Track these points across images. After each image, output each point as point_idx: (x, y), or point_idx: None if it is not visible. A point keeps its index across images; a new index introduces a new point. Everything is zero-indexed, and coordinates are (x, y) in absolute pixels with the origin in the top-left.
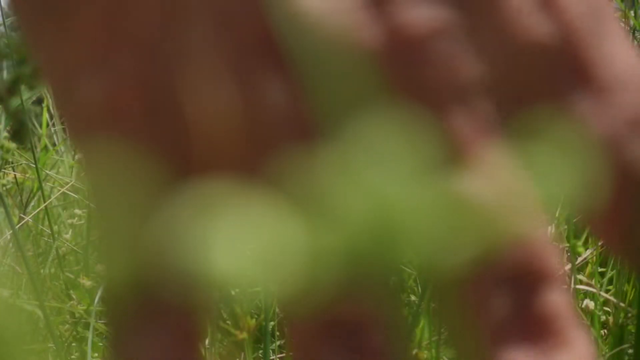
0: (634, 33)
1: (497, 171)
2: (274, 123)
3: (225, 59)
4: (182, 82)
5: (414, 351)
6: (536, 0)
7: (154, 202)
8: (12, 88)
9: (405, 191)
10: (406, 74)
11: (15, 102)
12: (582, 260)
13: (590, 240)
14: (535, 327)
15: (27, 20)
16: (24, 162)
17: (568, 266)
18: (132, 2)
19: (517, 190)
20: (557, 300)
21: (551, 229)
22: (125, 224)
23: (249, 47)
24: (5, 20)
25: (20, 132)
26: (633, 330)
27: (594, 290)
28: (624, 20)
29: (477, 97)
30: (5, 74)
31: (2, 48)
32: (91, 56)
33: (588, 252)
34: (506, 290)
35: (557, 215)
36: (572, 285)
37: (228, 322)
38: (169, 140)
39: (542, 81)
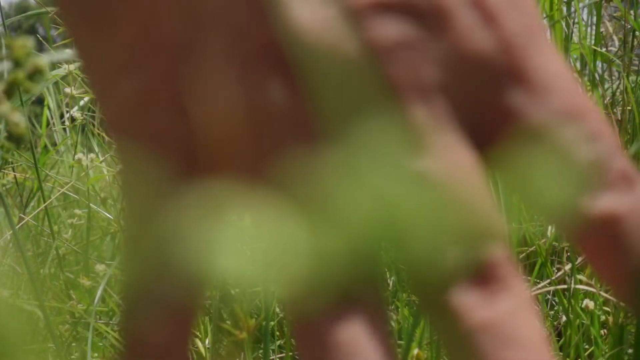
0: (633, 34)
1: (450, 154)
2: (278, 124)
3: (234, 65)
4: (195, 84)
5: (414, 351)
6: (481, 20)
7: (167, 199)
8: (10, 89)
9: (391, 183)
10: (377, 77)
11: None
12: (582, 260)
13: None
14: (480, 275)
15: (74, 27)
16: (24, 162)
17: (568, 266)
18: (162, 15)
19: (469, 170)
20: (498, 252)
21: (551, 229)
22: (146, 217)
23: (256, 54)
24: (5, 20)
25: (14, 135)
26: (633, 330)
27: (594, 290)
28: (623, 20)
29: (434, 95)
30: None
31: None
32: (129, 58)
33: None
34: (456, 246)
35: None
36: (572, 285)
37: (228, 322)
38: (183, 138)
39: (488, 83)
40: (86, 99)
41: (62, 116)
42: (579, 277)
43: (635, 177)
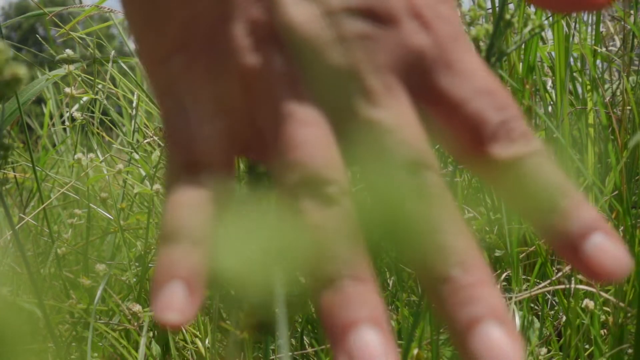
0: (633, 34)
1: (396, 108)
2: (279, 81)
3: (252, 44)
4: (224, 58)
5: (414, 351)
6: (420, 26)
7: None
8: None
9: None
10: (345, 56)
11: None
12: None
13: None
14: (421, 187)
15: (134, 22)
16: (24, 162)
17: (568, 266)
18: (199, 12)
19: (410, 119)
20: (434, 175)
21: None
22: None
23: (265, 38)
24: (5, 21)
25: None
26: (632, 330)
27: (593, 290)
28: (623, 21)
29: (385, 71)
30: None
31: None
32: (175, 44)
33: None
34: (403, 170)
35: None
36: (572, 285)
37: (228, 322)
38: (216, 97)
39: (426, 69)
40: (85, 99)
41: (61, 116)
42: (579, 277)
43: (531, 134)
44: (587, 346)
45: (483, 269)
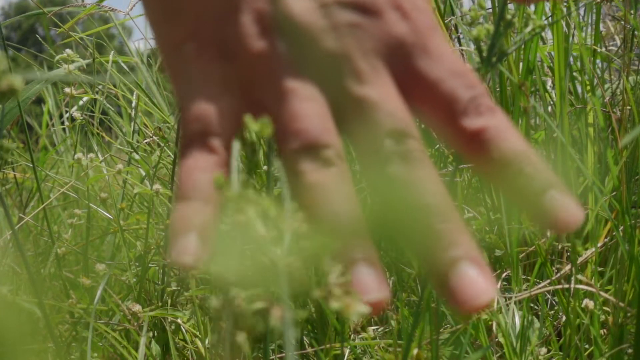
0: (633, 33)
1: (380, 86)
2: (281, 62)
3: (257, 31)
4: (233, 42)
5: (414, 351)
6: (401, 16)
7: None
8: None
9: None
10: (336, 42)
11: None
12: (582, 260)
13: (590, 240)
14: (403, 152)
15: (152, 14)
16: (24, 162)
17: (568, 266)
18: (210, 6)
19: (393, 96)
20: (414, 142)
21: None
22: None
23: (269, 26)
24: (5, 20)
25: None
26: (632, 330)
27: (593, 290)
28: (623, 20)
29: (371, 55)
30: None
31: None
32: (189, 32)
33: (588, 252)
34: (389, 139)
35: None
36: (572, 285)
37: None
38: (225, 76)
39: (406, 53)
40: (85, 98)
41: (61, 116)
42: (579, 277)
43: (496, 109)
44: (587, 346)
45: (458, 220)
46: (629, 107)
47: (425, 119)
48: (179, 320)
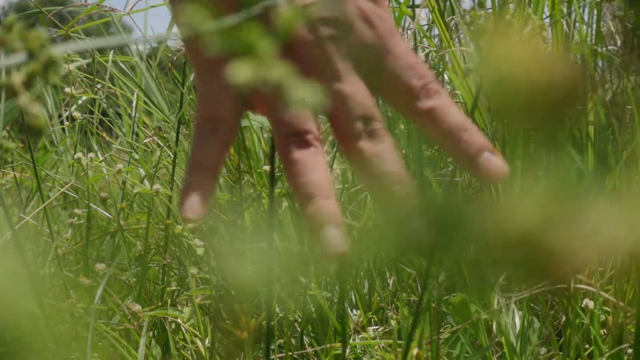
0: (634, 33)
1: (352, 83)
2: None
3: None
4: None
5: (414, 351)
6: (368, 26)
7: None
8: (29, 81)
9: None
10: (319, 49)
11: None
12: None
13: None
14: (370, 133)
15: (179, 25)
16: (24, 161)
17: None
18: None
19: (362, 90)
20: (378, 124)
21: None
22: None
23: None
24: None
25: (33, 128)
26: (632, 330)
27: (593, 289)
28: (625, 18)
29: (347, 59)
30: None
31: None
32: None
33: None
34: (360, 121)
35: None
36: (572, 285)
37: (228, 322)
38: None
39: (373, 55)
40: (84, 98)
41: (60, 116)
42: (579, 276)
43: (442, 91)
44: (587, 346)
45: (408, 183)
46: (629, 107)
47: (391, 103)
48: (179, 320)
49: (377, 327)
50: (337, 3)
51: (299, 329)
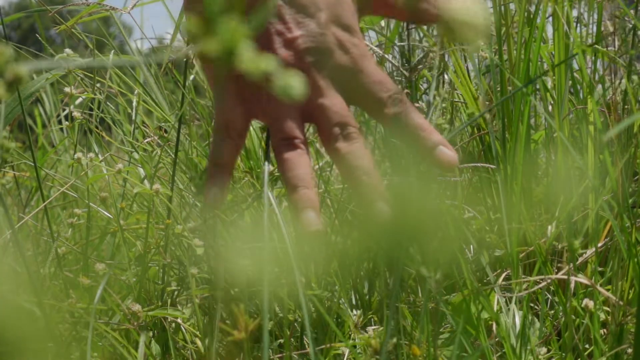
0: (634, 32)
1: (334, 97)
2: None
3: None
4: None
5: (414, 351)
6: (344, 51)
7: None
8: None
9: None
10: (306, 76)
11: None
12: (582, 260)
13: (590, 240)
14: (346, 135)
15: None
16: (24, 161)
17: (568, 266)
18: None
19: (333, 94)
20: (353, 126)
21: (551, 229)
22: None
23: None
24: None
25: None
26: (632, 330)
27: (592, 286)
28: (625, 18)
29: (328, 78)
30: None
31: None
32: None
33: (588, 252)
34: (336, 125)
35: (556, 214)
36: (572, 285)
37: (228, 322)
38: None
39: (348, 75)
40: (83, 97)
41: (58, 116)
42: (579, 276)
43: (405, 99)
44: (587, 346)
45: (377, 177)
46: (628, 107)
47: (365, 110)
48: (179, 320)
49: (377, 327)
50: (320, 35)
51: (299, 329)
